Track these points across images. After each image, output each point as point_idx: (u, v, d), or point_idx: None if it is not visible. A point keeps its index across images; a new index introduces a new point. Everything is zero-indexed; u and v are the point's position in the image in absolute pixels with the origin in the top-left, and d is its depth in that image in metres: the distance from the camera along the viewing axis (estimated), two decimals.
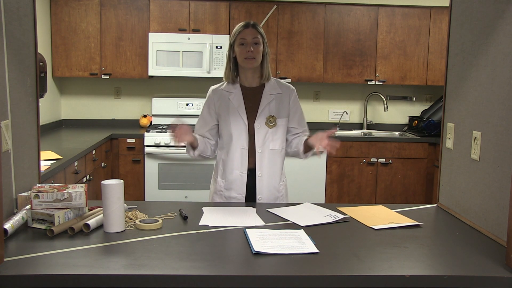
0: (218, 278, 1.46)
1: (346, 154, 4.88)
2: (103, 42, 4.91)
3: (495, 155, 1.83)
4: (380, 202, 4.91)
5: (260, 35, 2.35)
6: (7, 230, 1.70)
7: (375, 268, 1.54)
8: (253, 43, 2.32)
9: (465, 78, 2.11)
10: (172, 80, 5.35)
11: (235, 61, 2.39)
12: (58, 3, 4.83)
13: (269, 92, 2.41)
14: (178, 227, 1.90)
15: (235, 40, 2.36)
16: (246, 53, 2.31)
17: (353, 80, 5.16)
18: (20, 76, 2.01)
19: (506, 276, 1.50)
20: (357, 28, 5.09)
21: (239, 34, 2.34)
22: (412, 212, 2.19)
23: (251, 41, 2.32)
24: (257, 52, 2.33)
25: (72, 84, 5.29)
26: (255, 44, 2.33)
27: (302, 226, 1.93)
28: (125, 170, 4.72)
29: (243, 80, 2.42)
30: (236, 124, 2.38)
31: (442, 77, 5.11)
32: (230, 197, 2.41)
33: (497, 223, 1.81)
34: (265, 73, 2.40)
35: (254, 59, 2.32)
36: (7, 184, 1.88)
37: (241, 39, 2.33)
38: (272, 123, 2.40)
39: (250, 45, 2.31)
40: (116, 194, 1.78)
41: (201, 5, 4.92)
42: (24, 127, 2.06)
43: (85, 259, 1.55)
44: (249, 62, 2.32)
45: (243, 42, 2.33)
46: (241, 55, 2.33)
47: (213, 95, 2.46)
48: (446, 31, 3.77)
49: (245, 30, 2.34)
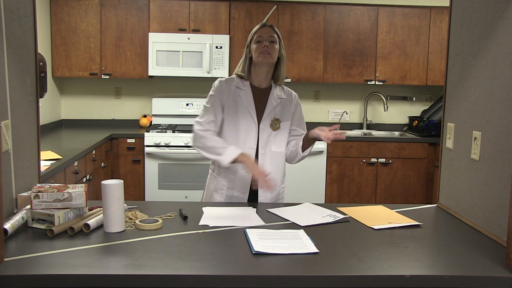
0: (218, 278, 1.46)
1: (346, 154, 4.88)
2: (103, 42, 4.91)
3: (495, 155, 1.83)
4: (380, 202, 4.91)
5: (276, 35, 2.38)
6: (7, 230, 1.70)
7: (375, 268, 1.54)
8: (269, 40, 2.35)
9: (465, 78, 2.11)
10: (172, 80, 5.35)
11: (250, 62, 2.40)
12: (58, 3, 4.83)
13: (276, 95, 2.43)
14: (178, 227, 1.90)
15: (252, 39, 2.38)
16: (262, 48, 2.32)
17: (353, 80, 5.16)
18: (20, 76, 2.01)
19: (506, 276, 1.50)
20: (357, 28, 5.09)
21: (256, 32, 2.38)
22: (412, 212, 2.19)
23: (267, 38, 2.34)
24: (273, 49, 2.34)
25: (72, 84, 5.29)
26: (271, 42, 2.35)
27: (302, 226, 1.93)
28: (125, 170, 4.72)
29: (253, 79, 2.42)
30: (245, 123, 2.36)
31: (442, 77, 5.11)
32: (232, 196, 2.40)
33: (497, 223, 1.81)
34: (281, 75, 2.42)
35: (269, 55, 2.33)
36: (7, 184, 1.88)
37: (257, 37, 2.36)
38: (276, 125, 2.40)
39: (266, 41, 2.34)
40: (116, 194, 1.78)
41: (201, 5, 4.92)
42: (24, 127, 2.06)
43: (85, 259, 1.55)
44: (264, 56, 2.32)
45: (259, 40, 2.35)
46: (256, 51, 2.34)
47: (222, 88, 2.37)
48: (446, 31, 3.77)
49: (262, 28, 2.38)
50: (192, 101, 5.22)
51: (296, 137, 2.48)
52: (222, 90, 2.38)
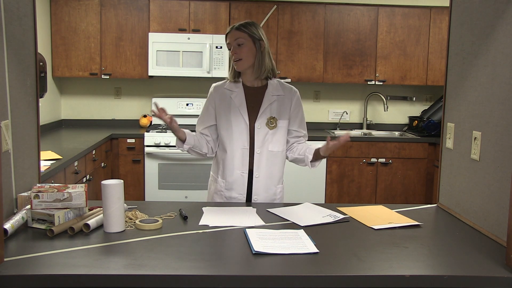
0: (218, 278, 1.46)
1: (346, 154, 4.88)
2: (103, 42, 4.91)
3: (495, 155, 1.83)
4: (380, 202, 4.91)
5: (244, 34, 2.31)
6: (7, 230, 1.70)
7: (375, 268, 1.54)
8: (236, 44, 2.31)
9: (465, 78, 2.11)
10: (172, 80, 5.35)
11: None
12: (58, 3, 4.83)
13: (271, 93, 2.40)
14: (178, 227, 1.90)
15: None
16: (232, 56, 2.34)
17: (353, 80, 5.16)
18: (20, 76, 2.01)
19: (506, 276, 1.50)
20: (357, 28, 5.09)
21: (226, 39, 2.38)
22: (412, 212, 2.19)
23: (234, 44, 2.32)
24: (241, 52, 2.31)
25: (72, 84, 5.29)
26: (238, 46, 2.31)
27: (302, 226, 1.93)
28: (125, 170, 4.72)
29: (245, 80, 2.42)
30: (237, 124, 2.37)
31: (442, 77, 5.11)
32: (230, 197, 2.41)
33: (497, 223, 1.81)
34: (262, 70, 2.35)
35: (241, 61, 2.31)
36: (7, 184, 1.88)
37: (227, 44, 2.37)
38: (272, 124, 2.39)
39: (234, 48, 2.32)
40: (116, 194, 1.78)
41: (201, 5, 4.92)
42: (24, 127, 2.06)
43: (85, 259, 1.55)
44: (236, 64, 2.33)
45: (229, 47, 2.36)
46: (231, 59, 2.36)
47: (215, 93, 2.45)
48: (446, 31, 3.78)
49: (228, 34, 2.36)
50: (192, 101, 5.22)
51: (299, 138, 2.47)
52: (214, 96, 2.44)
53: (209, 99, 2.46)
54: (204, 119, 2.46)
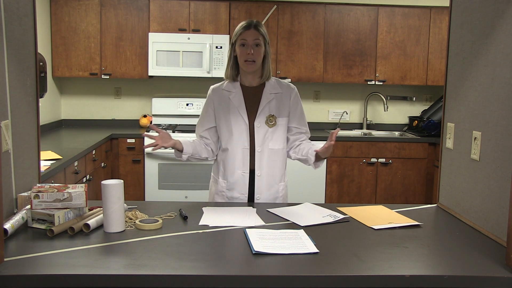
0: (218, 278, 1.46)
1: (346, 154, 4.88)
2: (103, 42, 4.91)
3: (495, 155, 1.83)
4: (380, 202, 4.91)
5: (261, 36, 2.32)
6: (7, 230, 1.70)
7: (375, 268, 1.54)
8: (254, 44, 2.30)
9: (465, 78, 2.11)
10: (172, 80, 5.35)
11: (235, 60, 2.38)
12: (58, 3, 4.83)
13: (269, 91, 2.40)
14: (178, 227, 1.90)
15: (236, 40, 2.33)
16: (246, 56, 2.29)
17: (353, 80, 5.16)
18: (20, 76, 2.01)
19: (506, 276, 1.50)
20: (357, 28, 5.09)
21: (241, 35, 2.31)
22: (412, 212, 2.19)
23: (252, 43, 2.29)
24: (258, 54, 2.30)
25: (72, 84, 5.29)
26: (256, 46, 2.30)
27: (302, 226, 1.93)
28: (125, 170, 4.72)
29: (243, 79, 2.42)
30: (236, 124, 2.37)
31: (442, 77, 5.11)
32: (232, 198, 2.41)
33: (497, 223, 1.81)
34: (265, 74, 2.38)
35: (254, 63, 2.30)
36: (7, 184, 1.88)
37: (242, 40, 2.31)
38: (272, 122, 2.39)
39: (251, 47, 2.29)
40: (116, 194, 1.78)
41: (201, 5, 4.92)
42: (24, 127, 2.06)
43: (85, 259, 1.55)
44: (249, 65, 2.31)
45: (243, 43, 2.30)
46: (241, 56, 2.32)
47: (213, 95, 2.45)
48: (446, 31, 3.78)
49: (247, 31, 2.31)
50: (192, 101, 5.22)
51: (300, 135, 2.47)
52: (212, 98, 2.45)
53: (208, 101, 2.46)
54: (203, 122, 2.46)
